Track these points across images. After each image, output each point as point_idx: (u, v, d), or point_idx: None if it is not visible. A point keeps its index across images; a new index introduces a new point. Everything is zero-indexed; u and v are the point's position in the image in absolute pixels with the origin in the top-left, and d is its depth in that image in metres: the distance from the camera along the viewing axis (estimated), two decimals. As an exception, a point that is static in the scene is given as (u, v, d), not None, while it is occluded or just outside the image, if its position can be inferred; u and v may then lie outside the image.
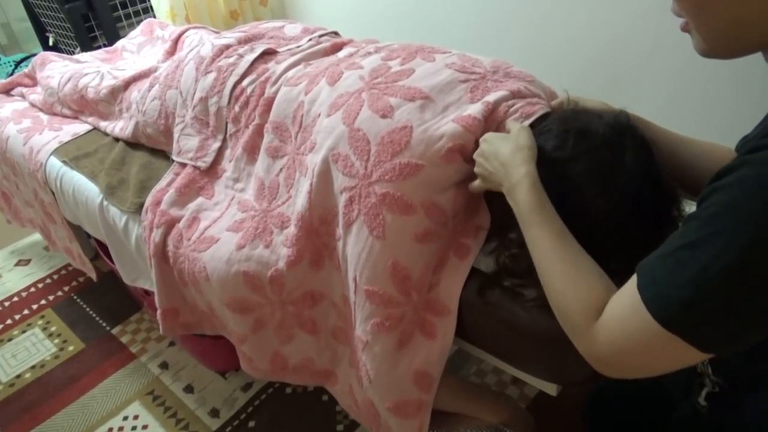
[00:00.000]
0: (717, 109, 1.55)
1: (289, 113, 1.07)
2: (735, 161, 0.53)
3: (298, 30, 1.32)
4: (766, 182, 0.49)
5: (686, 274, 0.52)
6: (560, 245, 0.68)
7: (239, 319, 1.05)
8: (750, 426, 0.67)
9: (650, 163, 0.79)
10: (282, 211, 1.03)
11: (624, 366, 0.59)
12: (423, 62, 0.99)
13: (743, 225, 0.49)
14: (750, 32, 0.56)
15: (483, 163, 0.82)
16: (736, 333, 0.52)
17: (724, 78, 1.48)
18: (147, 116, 1.34)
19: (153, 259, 1.15)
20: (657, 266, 0.56)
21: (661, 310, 0.53)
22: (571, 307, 0.64)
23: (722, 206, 0.51)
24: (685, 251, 0.52)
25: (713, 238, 0.50)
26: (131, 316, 1.76)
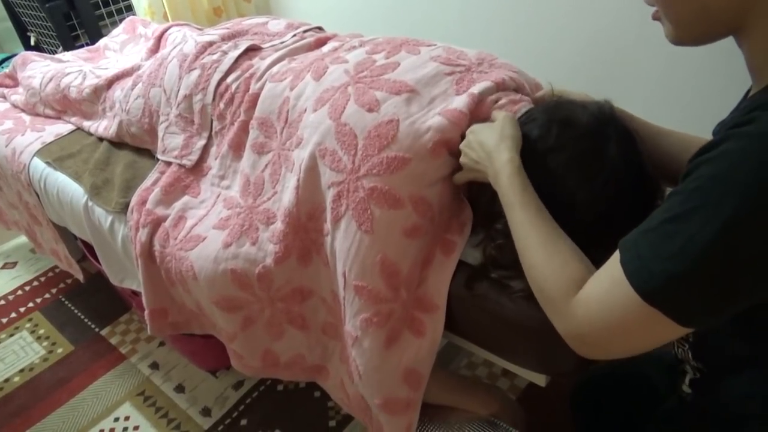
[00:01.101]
0: (703, 97, 1.56)
1: (275, 109, 1.06)
2: (719, 136, 0.53)
3: (282, 26, 1.32)
4: (750, 155, 0.49)
5: (670, 247, 0.52)
6: (539, 224, 0.70)
7: (228, 318, 1.05)
8: (733, 408, 0.68)
9: (633, 152, 0.79)
10: (267, 207, 1.02)
11: (601, 343, 0.59)
12: (408, 55, 0.99)
13: (727, 197, 0.49)
14: (717, 17, 0.57)
15: (469, 153, 0.83)
16: (717, 306, 0.53)
17: (710, 66, 1.49)
18: (131, 115, 1.33)
19: (139, 259, 1.15)
20: (640, 240, 0.56)
21: (643, 283, 0.54)
22: (548, 281, 0.65)
23: (706, 179, 0.51)
24: (669, 225, 0.53)
25: (697, 211, 0.51)
26: (120, 317, 1.75)
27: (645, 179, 0.80)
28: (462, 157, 0.84)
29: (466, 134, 0.84)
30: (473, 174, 0.84)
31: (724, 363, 0.67)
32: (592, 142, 0.78)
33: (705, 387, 0.72)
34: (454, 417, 0.98)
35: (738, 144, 0.51)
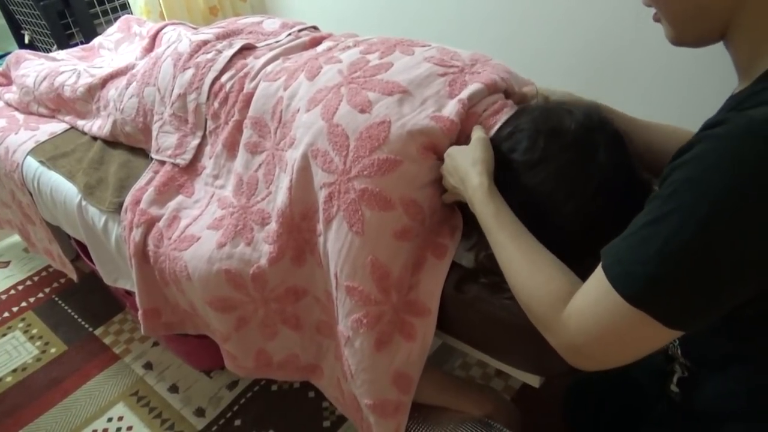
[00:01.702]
0: (700, 98, 1.56)
1: (268, 108, 1.06)
2: (692, 139, 0.55)
3: (276, 25, 1.31)
4: (722, 156, 0.50)
5: (649, 249, 0.53)
6: (518, 245, 0.70)
7: (222, 318, 1.05)
8: (718, 406, 0.68)
9: (623, 156, 0.79)
10: (262, 208, 1.02)
11: (596, 354, 0.60)
12: (402, 56, 0.99)
13: (702, 199, 0.50)
14: (713, 18, 0.58)
15: (448, 178, 0.85)
16: (700, 306, 0.53)
17: (706, 67, 1.49)
18: (125, 114, 1.32)
19: (133, 259, 1.14)
20: (621, 246, 0.57)
21: (626, 287, 0.55)
22: (535, 300, 0.66)
23: (681, 182, 0.52)
24: (648, 228, 0.54)
25: (674, 214, 0.52)
26: (114, 317, 1.74)
27: (636, 183, 0.80)
28: (443, 181, 0.86)
29: (444, 157, 0.86)
30: (456, 197, 0.86)
31: (711, 360, 0.68)
32: (581, 152, 0.77)
33: (692, 385, 0.72)
34: (447, 417, 0.98)
35: (709, 146, 0.52)
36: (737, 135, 0.50)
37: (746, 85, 0.59)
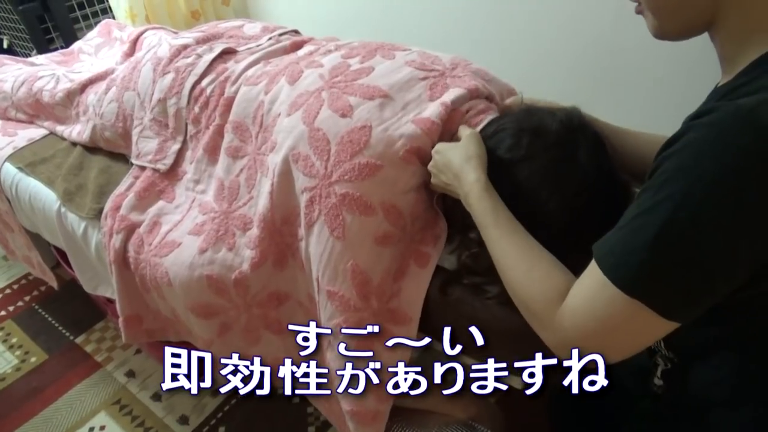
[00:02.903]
0: (697, 101, 1.58)
1: (250, 113, 1.05)
2: (680, 129, 0.55)
3: (257, 29, 1.31)
4: (711, 142, 0.51)
5: (642, 238, 0.53)
6: (515, 241, 0.70)
7: (204, 324, 1.04)
8: (702, 396, 0.69)
9: (604, 157, 0.80)
10: (244, 213, 1.02)
11: (591, 350, 0.60)
12: (383, 60, 0.99)
13: (693, 186, 0.51)
14: (696, 9, 0.59)
15: (438, 175, 0.83)
16: (696, 293, 0.54)
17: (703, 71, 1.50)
18: (104, 119, 1.31)
19: (113, 265, 1.13)
20: (613, 239, 0.57)
21: (621, 277, 0.55)
22: (532, 297, 0.65)
23: (672, 171, 0.53)
24: (640, 219, 0.54)
25: (666, 202, 0.52)
26: (95, 325, 1.72)
27: (616, 184, 0.81)
28: (432, 178, 0.85)
29: (432, 154, 0.85)
30: (446, 192, 0.85)
31: (694, 349, 0.68)
32: (563, 151, 0.78)
33: (675, 377, 0.73)
34: (431, 421, 0.98)
35: (699, 134, 0.52)
36: (727, 122, 0.51)
37: (730, 78, 0.60)
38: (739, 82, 0.58)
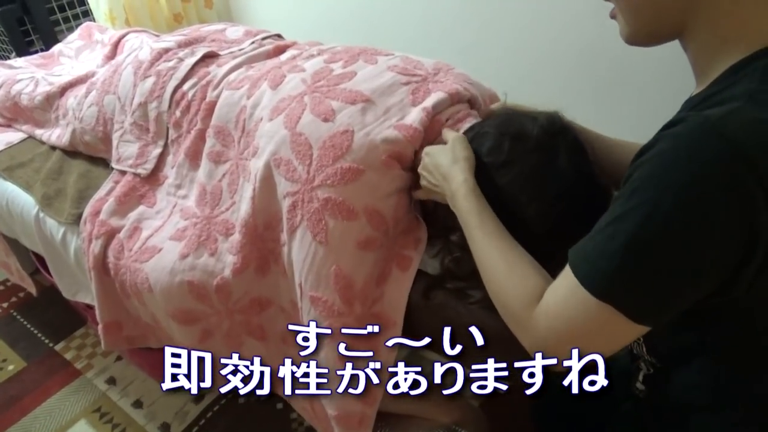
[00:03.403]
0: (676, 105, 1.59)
1: (232, 117, 1.05)
2: (652, 139, 0.56)
3: (240, 33, 1.30)
4: (680, 153, 0.52)
5: (614, 245, 0.54)
6: (498, 243, 0.71)
7: (185, 330, 1.03)
8: (682, 400, 0.69)
9: (584, 162, 0.81)
10: (226, 218, 1.01)
11: (565, 352, 0.60)
12: (365, 65, 0.99)
13: (662, 195, 0.52)
14: (667, 14, 0.60)
15: (427, 176, 0.84)
16: (665, 299, 0.55)
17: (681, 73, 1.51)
18: (84, 123, 1.29)
19: (93, 271, 1.11)
20: (587, 245, 0.58)
21: (594, 283, 0.56)
22: (510, 298, 0.66)
23: (643, 180, 0.54)
24: (612, 226, 0.55)
25: (637, 210, 0.53)
26: (76, 331, 1.69)
27: (596, 188, 0.82)
28: (421, 180, 0.85)
29: (422, 157, 0.85)
30: (433, 195, 0.85)
31: (674, 354, 0.69)
32: (543, 155, 0.79)
33: (657, 381, 0.73)
34: (414, 426, 0.98)
35: (668, 144, 0.53)
36: (695, 133, 0.52)
37: (702, 88, 0.61)
38: (711, 91, 0.58)
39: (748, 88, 0.54)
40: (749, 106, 0.53)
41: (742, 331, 0.62)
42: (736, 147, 0.50)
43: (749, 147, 0.50)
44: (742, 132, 0.51)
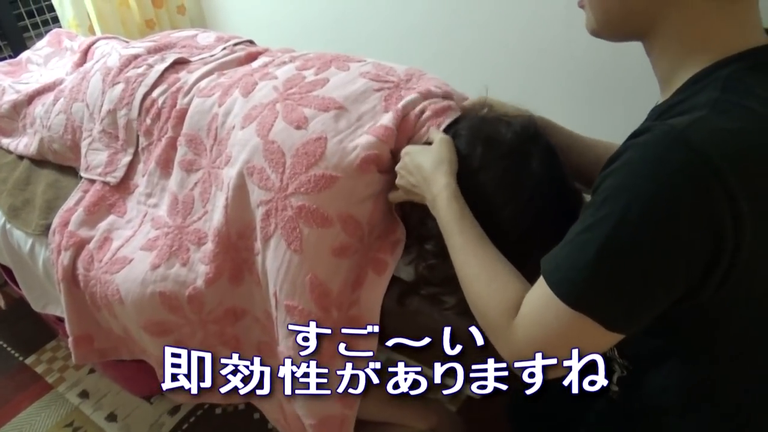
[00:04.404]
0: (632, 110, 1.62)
1: (203, 125, 1.03)
2: (620, 148, 0.57)
3: (211, 39, 1.29)
4: (647, 163, 0.53)
5: (585, 254, 0.55)
6: (478, 250, 0.70)
7: (158, 342, 1.01)
8: (653, 402, 0.70)
9: (556, 167, 0.82)
10: (198, 227, 1.00)
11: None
12: (337, 72, 0.99)
13: (631, 204, 0.53)
14: (634, 15, 0.60)
15: (406, 176, 0.82)
16: (636, 307, 0.56)
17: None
18: (52, 131, 1.27)
19: (62, 283, 1.09)
20: (559, 254, 0.59)
21: (566, 292, 0.56)
22: (490, 307, 0.66)
23: (612, 189, 0.55)
24: (583, 235, 0.56)
25: (606, 219, 0.54)
26: (46, 344, 1.65)
27: (568, 192, 0.83)
28: (398, 179, 0.84)
29: (402, 156, 0.84)
30: (410, 196, 0.84)
31: (646, 357, 0.70)
32: (516, 160, 0.80)
33: (630, 383, 0.74)
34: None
35: (635, 154, 0.54)
36: (660, 142, 0.53)
37: (666, 97, 0.62)
38: (675, 100, 0.59)
39: (711, 97, 0.55)
40: (713, 115, 0.54)
41: (709, 336, 0.63)
42: (701, 156, 0.51)
43: (714, 156, 0.51)
44: (707, 141, 0.52)
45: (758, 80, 0.56)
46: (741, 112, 0.54)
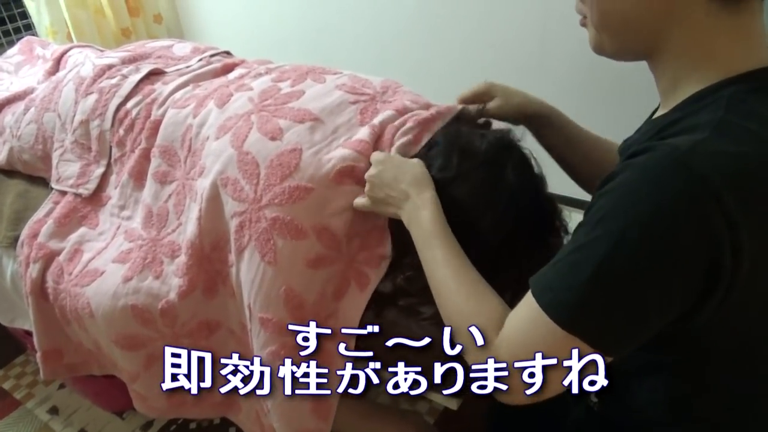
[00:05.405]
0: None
1: (177, 137, 1.02)
2: (618, 167, 0.56)
3: (187, 50, 1.28)
4: (647, 185, 0.52)
5: (579, 275, 0.54)
6: (459, 266, 0.70)
7: (129, 356, 0.99)
8: (636, 415, 0.71)
9: (531, 178, 0.83)
10: (173, 240, 0.98)
11: (526, 380, 0.60)
12: (313, 84, 0.99)
13: (629, 227, 0.52)
14: (638, 35, 0.60)
15: (380, 187, 0.80)
16: (630, 330, 0.55)
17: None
18: (22, 141, 1.24)
19: (30, 296, 1.07)
20: (550, 273, 0.58)
21: (559, 313, 0.55)
22: (468, 323, 0.64)
23: (608, 210, 0.54)
24: (576, 254, 0.55)
25: (602, 240, 0.53)
26: (15, 359, 1.62)
27: (542, 202, 0.84)
28: (369, 189, 0.81)
29: (374, 164, 0.82)
30: (378, 207, 0.82)
31: (629, 370, 0.70)
32: (490, 170, 0.80)
33: (612, 395, 0.74)
34: (368, 446, 0.96)
35: (634, 175, 0.54)
36: (662, 165, 0.52)
37: (666, 111, 0.61)
38: (675, 117, 0.58)
39: (714, 117, 0.54)
40: (715, 136, 0.53)
41: (694, 355, 0.63)
42: (702, 181, 0.50)
43: (715, 181, 0.50)
44: (708, 165, 0.51)
45: (762, 102, 0.56)
46: (743, 134, 0.53)
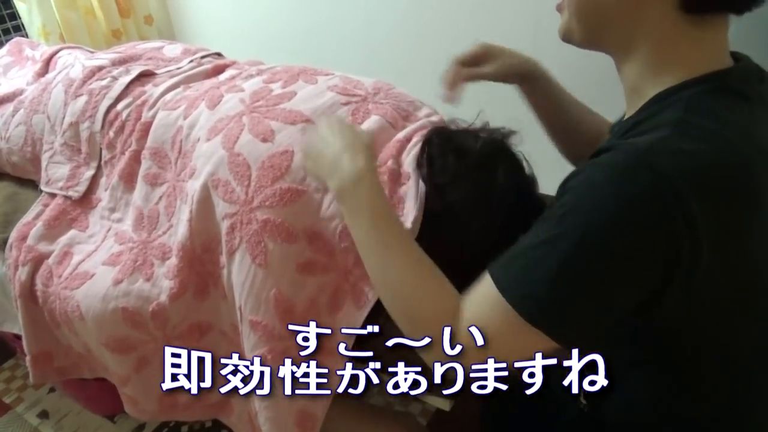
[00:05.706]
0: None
1: (168, 138, 1.02)
2: (581, 165, 0.58)
3: (178, 51, 1.28)
4: (609, 183, 0.54)
5: (545, 270, 0.55)
6: (410, 249, 0.66)
7: (120, 359, 0.98)
8: (622, 415, 0.71)
9: (522, 179, 0.84)
10: (163, 242, 0.98)
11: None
12: (305, 85, 0.99)
13: (592, 223, 0.53)
14: (610, 29, 0.62)
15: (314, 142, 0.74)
16: (594, 322, 0.57)
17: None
18: (11, 143, 1.24)
19: (19, 300, 1.06)
20: (514, 266, 0.58)
21: (526, 308, 0.56)
22: (425, 310, 0.63)
23: (572, 206, 0.55)
24: (541, 248, 0.56)
25: (567, 235, 0.54)
26: (4, 363, 1.60)
27: (533, 203, 0.84)
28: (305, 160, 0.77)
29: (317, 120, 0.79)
30: (310, 170, 0.78)
31: (614, 372, 0.70)
32: (483, 173, 0.81)
33: (599, 395, 0.75)
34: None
35: (597, 173, 0.55)
36: (623, 163, 0.54)
37: (632, 113, 0.63)
38: (639, 118, 0.60)
39: (674, 117, 0.56)
40: (675, 135, 0.55)
41: (675, 355, 0.64)
42: (663, 179, 0.52)
43: (675, 178, 0.52)
44: (668, 164, 0.52)
45: (719, 102, 0.58)
46: (701, 133, 0.55)
